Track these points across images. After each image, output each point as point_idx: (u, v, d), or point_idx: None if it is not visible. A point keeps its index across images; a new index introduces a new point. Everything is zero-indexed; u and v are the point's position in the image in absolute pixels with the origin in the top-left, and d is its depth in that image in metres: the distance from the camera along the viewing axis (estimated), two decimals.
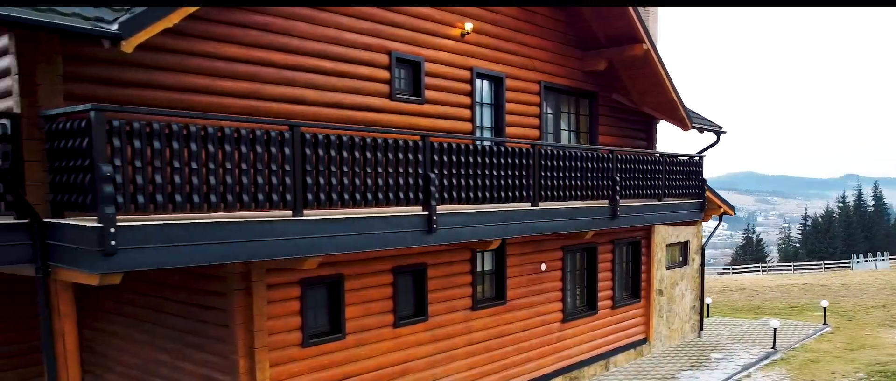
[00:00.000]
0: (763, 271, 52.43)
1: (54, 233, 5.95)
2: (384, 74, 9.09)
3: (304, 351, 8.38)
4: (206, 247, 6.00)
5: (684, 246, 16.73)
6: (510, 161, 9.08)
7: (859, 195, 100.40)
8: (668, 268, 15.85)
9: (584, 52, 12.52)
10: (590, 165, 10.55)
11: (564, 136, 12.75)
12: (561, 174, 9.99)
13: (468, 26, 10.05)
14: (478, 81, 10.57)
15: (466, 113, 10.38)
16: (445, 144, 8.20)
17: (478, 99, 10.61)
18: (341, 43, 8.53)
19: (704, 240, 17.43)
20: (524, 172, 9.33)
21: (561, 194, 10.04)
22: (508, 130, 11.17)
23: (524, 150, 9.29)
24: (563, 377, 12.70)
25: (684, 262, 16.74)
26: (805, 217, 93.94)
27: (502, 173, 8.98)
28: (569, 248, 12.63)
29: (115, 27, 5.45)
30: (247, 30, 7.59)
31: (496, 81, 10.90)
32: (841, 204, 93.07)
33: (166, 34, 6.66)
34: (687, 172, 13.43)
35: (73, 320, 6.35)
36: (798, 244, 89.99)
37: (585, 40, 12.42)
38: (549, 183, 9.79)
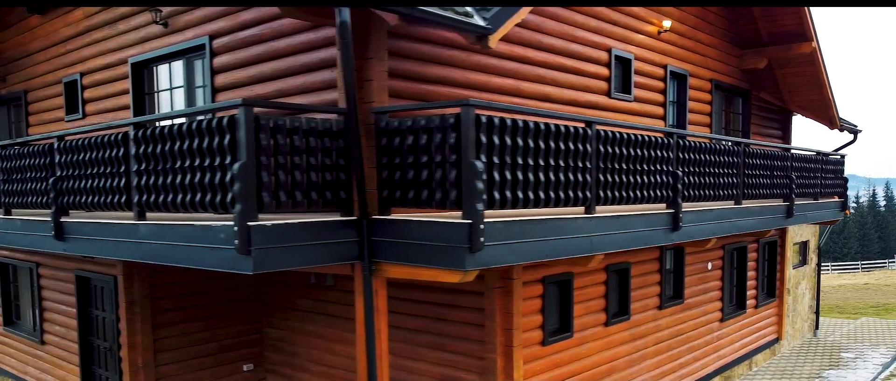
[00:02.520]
0: None
1: (384, 230, 5.91)
2: (605, 71, 9.05)
3: (544, 350, 8.32)
4: (535, 244, 5.96)
5: (804, 245, 16.69)
6: (721, 159, 9.05)
7: (873, 196, 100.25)
8: (793, 267, 15.82)
9: (743, 50, 12.48)
10: (774, 164, 10.53)
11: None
12: (754, 172, 9.97)
13: (666, 24, 10.01)
14: (669, 79, 10.54)
15: (660, 111, 10.35)
16: (689, 142, 8.17)
17: (669, 97, 10.57)
18: (576, 40, 8.50)
19: (820, 239, 17.39)
20: (734, 171, 9.30)
21: (754, 192, 10.01)
22: (688, 128, 11.13)
23: (733, 147, 9.26)
24: (720, 378, 12.65)
25: (803, 261, 16.70)
26: None
27: (716, 171, 8.95)
28: (727, 247, 12.59)
29: (483, 22, 5.40)
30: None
31: (680, 79, 10.87)
32: (854, 204, 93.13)
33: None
34: (834, 170, 13.39)
35: (386, 317, 6.30)
36: None
37: (745, 38, 12.38)
38: (747, 181, 9.77)
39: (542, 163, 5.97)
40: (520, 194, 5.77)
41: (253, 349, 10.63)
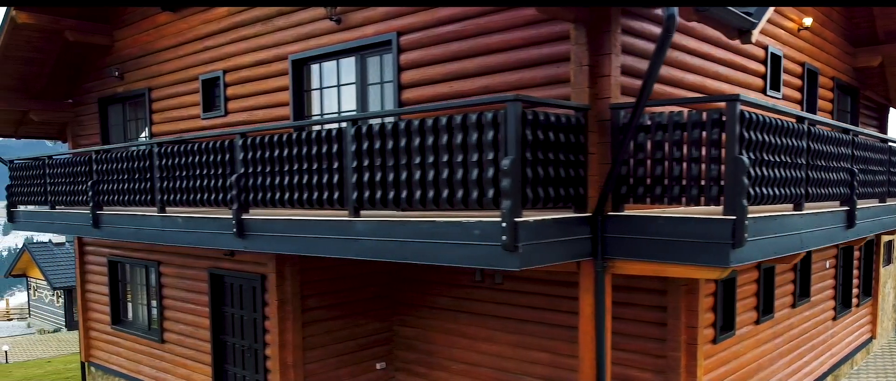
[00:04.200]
0: None
1: (620, 226, 5.88)
2: (762, 68, 9.02)
3: (715, 347, 8.28)
4: (770, 241, 5.92)
5: (889, 245, 16.65)
6: (877, 157, 9.03)
7: None
8: (883, 267, 15.80)
9: (856, 48, 12.45)
10: None
11: None
12: (893, 169, 9.96)
13: (807, 21, 9.98)
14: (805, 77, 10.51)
15: (798, 109, 10.31)
16: (859, 140, 8.14)
17: (804, 95, 10.54)
18: None
19: None
20: (884, 168, 9.29)
21: (893, 190, 10.01)
22: None
23: (884, 145, 9.25)
24: (831, 377, 12.62)
25: (889, 260, 16.67)
26: None
27: (874, 168, 8.94)
28: (841, 245, 12.56)
29: (748, 17, 5.37)
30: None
31: (812, 77, 10.83)
32: None
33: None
34: None
35: (611, 316, 6.26)
36: None
37: (858, 36, 12.35)
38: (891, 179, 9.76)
39: (779, 159, 5.95)
40: (765, 191, 5.74)
41: (384, 348, 10.59)
